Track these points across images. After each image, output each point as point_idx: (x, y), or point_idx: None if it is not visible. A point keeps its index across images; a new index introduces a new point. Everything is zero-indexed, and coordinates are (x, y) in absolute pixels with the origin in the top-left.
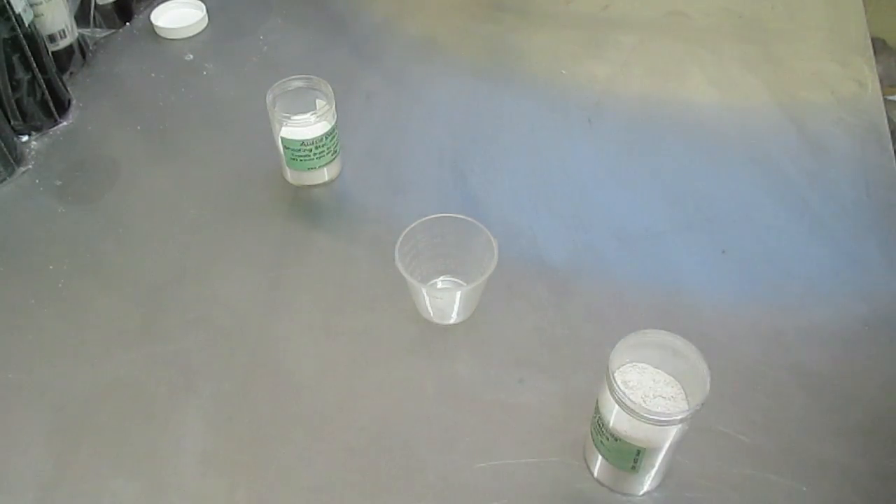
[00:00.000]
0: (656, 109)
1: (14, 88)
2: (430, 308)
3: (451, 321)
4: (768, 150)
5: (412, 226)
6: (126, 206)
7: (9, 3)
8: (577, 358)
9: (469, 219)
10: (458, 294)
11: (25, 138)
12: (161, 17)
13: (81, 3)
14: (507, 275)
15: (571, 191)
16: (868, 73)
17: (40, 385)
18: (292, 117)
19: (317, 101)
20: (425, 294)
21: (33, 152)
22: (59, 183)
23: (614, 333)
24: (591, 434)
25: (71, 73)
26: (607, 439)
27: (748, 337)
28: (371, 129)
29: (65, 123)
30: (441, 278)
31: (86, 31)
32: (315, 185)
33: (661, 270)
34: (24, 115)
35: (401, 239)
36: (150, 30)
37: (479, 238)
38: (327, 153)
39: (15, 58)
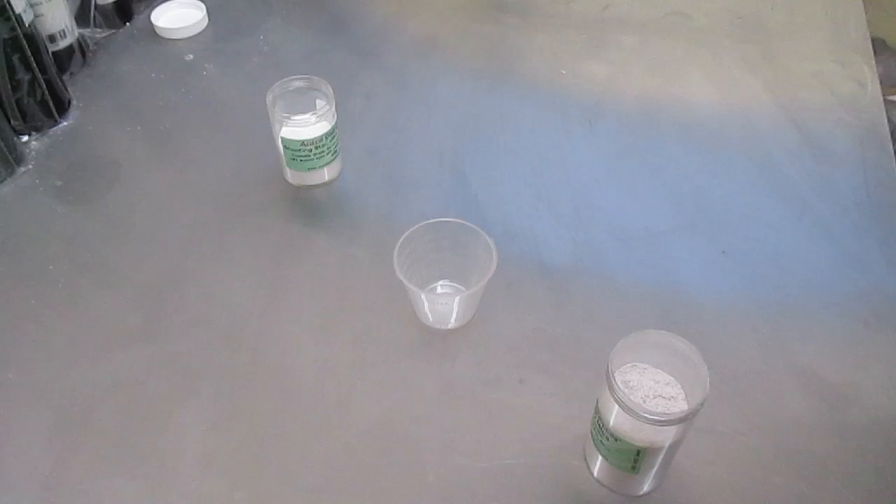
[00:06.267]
0: (656, 109)
1: (14, 88)
2: (428, 314)
3: (450, 326)
4: (768, 150)
5: (409, 231)
6: (126, 206)
7: (9, 3)
8: (577, 358)
9: (467, 223)
10: (457, 299)
11: (25, 138)
12: (161, 17)
13: (81, 3)
14: (507, 275)
15: (571, 191)
16: (868, 73)
17: (40, 385)
18: (292, 117)
19: (317, 101)
20: (424, 299)
21: (33, 152)
22: (59, 183)
23: (614, 333)
24: (591, 434)
25: (71, 73)
26: (607, 439)
27: (748, 337)
28: (371, 129)
29: (65, 123)
30: (440, 283)
31: (86, 31)
32: (315, 185)
33: (661, 270)
34: (24, 115)
35: (398, 245)
36: (150, 30)
37: (478, 242)
38: (327, 153)
39: (15, 58)
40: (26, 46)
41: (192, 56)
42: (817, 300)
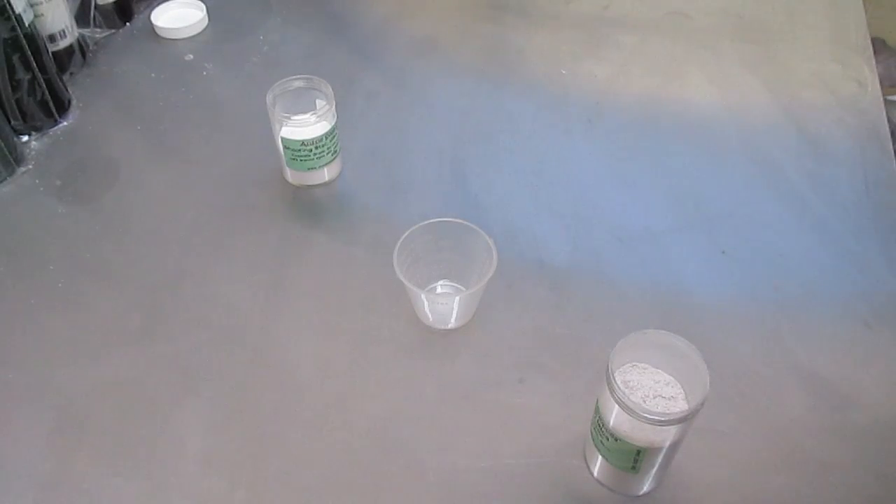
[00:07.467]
0: (656, 109)
1: (14, 88)
2: (429, 314)
3: (450, 326)
4: (768, 150)
5: (409, 231)
6: (126, 206)
7: (9, 3)
8: (577, 358)
9: (467, 223)
10: (457, 299)
11: (25, 138)
12: (161, 17)
13: (81, 3)
14: (507, 275)
15: (571, 191)
16: (868, 73)
17: (40, 385)
18: (292, 117)
19: (317, 101)
20: (424, 299)
21: (33, 152)
22: (59, 183)
23: (614, 333)
24: (591, 434)
25: (71, 73)
26: (607, 439)
27: (748, 337)
28: (371, 129)
29: (65, 123)
30: (440, 282)
31: (86, 31)
32: (315, 185)
33: (661, 270)
34: (24, 115)
35: (398, 245)
36: (150, 30)
37: (478, 242)
38: (327, 153)
39: (15, 58)
40: (26, 46)
41: (192, 56)
42: (817, 300)
